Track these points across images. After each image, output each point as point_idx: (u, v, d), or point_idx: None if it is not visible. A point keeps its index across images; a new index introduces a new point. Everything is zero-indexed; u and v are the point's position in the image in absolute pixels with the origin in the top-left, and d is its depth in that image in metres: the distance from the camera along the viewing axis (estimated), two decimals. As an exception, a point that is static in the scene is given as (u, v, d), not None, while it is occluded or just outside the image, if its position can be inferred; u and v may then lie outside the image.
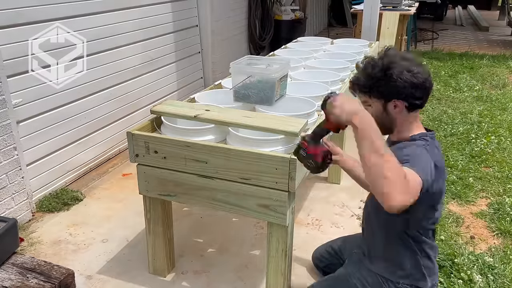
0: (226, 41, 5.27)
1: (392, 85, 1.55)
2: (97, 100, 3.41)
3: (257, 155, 1.77)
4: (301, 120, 1.94)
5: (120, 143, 3.74)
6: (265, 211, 1.85)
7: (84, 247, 2.54)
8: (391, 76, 1.55)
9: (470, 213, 2.91)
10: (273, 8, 6.61)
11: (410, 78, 1.54)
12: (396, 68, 1.55)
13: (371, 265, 1.79)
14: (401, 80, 1.54)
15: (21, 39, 2.72)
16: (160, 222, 2.16)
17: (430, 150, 1.55)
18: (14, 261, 2.03)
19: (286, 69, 2.34)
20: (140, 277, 2.28)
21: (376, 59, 1.61)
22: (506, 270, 2.31)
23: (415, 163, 1.44)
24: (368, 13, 4.55)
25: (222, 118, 1.96)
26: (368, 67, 1.61)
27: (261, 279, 2.26)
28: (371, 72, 1.59)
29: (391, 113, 1.62)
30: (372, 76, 1.59)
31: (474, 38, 9.65)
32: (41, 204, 2.91)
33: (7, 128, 2.55)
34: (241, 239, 2.61)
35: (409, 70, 1.55)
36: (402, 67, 1.55)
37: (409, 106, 1.59)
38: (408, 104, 1.58)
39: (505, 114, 4.71)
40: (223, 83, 2.62)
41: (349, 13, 9.80)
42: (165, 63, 4.25)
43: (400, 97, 1.57)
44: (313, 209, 2.91)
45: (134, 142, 1.98)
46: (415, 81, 1.55)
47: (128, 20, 3.66)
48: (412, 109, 1.61)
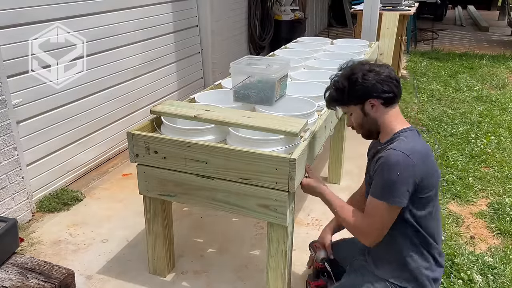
0: (226, 41, 5.27)
1: (360, 87, 1.67)
2: (97, 100, 3.41)
3: (257, 155, 1.77)
4: (301, 120, 1.94)
5: (120, 143, 3.74)
6: (265, 211, 1.85)
7: (84, 247, 2.54)
8: (356, 80, 1.67)
9: (470, 213, 2.91)
10: (273, 8, 6.62)
11: (373, 76, 1.66)
12: (358, 72, 1.68)
13: (376, 270, 1.78)
14: (366, 80, 1.66)
15: (21, 39, 2.72)
16: (160, 222, 2.16)
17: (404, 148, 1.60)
18: (14, 261, 2.03)
19: (286, 69, 2.34)
20: (140, 277, 2.29)
21: (339, 73, 1.76)
22: (506, 270, 2.31)
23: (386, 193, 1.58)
24: (368, 13, 4.55)
25: (222, 118, 1.96)
26: (335, 82, 1.74)
27: (261, 279, 2.26)
28: (338, 85, 1.72)
29: (370, 114, 1.70)
30: (340, 87, 1.71)
31: (474, 38, 9.66)
32: (41, 204, 2.91)
33: (7, 128, 2.56)
34: (241, 239, 2.61)
35: (370, 70, 1.67)
36: (363, 69, 1.68)
37: (385, 101, 1.67)
38: (382, 100, 1.67)
39: (505, 114, 4.71)
40: (223, 83, 2.62)
41: (349, 13, 9.81)
42: (165, 63, 4.25)
43: (372, 96, 1.66)
44: (313, 209, 2.92)
45: (134, 142, 1.98)
46: (378, 77, 1.66)
47: (128, 20, 3.66)
48: (389, 103, 1.69)
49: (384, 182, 1.58)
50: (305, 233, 2.67)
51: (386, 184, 1.57)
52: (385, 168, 1.58)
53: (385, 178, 1.58)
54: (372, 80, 1.66)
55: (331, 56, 3.40)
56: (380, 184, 1.60)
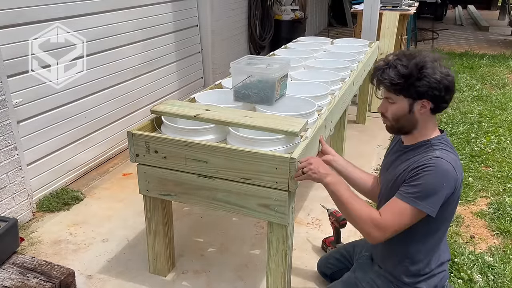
0: (226, 41, 5.27)
1: (425, 84, 1.53)
2: (97, 100, 3.41)
3: (257, 155, 1.77)
4: (301, 120, 1.94)
5: (121, 143, 3.74)
6: (265, 211, 1.85)
7: (84, 246, 2.54)
8: (425, 75, 1.53)
9: (470, 212, 2.91)
10: (273, 8, 6.61)
11: (442, 79, 1.53)
12: (429, 68, 1.53)
13: (381, 264, 1.77)
14: (434, 80, 1.52)
15: (21, 39, 2.72)
16: (160, 222, 2.16)
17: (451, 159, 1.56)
18: (15, 260, 2.03)
19: (286, 69, 2.34)
20: (140, 277, 2.29)
21: (404, 58, 1.57)
22: (506, 270, 2.31)
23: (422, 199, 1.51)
24: (368, 13, 4.55)
25: (222, 118, 1.96)
26: (398, 65, 1.56)
27: (261, 278, 2.26)
28: (403, 71, 1.55)
29: (415, 113, 1.60)
30: (404, 74, 1.55)
31: (474, 38, 9.66)
32: (42, 203, 2.91)
33: (7, 128, 2.56)
34: (241, 239, 2.61)
35: (441, 71, 1.54)
36: (434, 67, 1.54)
37: (435, 107, 1.58)
38: (434, 105, 1.57)
39: (505, 114, 4.71)
40: (223, 83, 2.63)
41: (349, 13, 9.80)
42: (165, 63, 4.25)
43: (429, 98, 1.55)
44: (313, 209, 2.92)
45: (135, 142, 1.98)
46: (446, 82, 1.54)
47: (128, 20, 3.66)
48: (437, 111, 1.60)
49: (426, 187, 1.51)
50: (305, 233, 2.67)
51: (427, 189, 1.51)
52: (433, 174, 1.51)
53: (428, 183, 1.51)
54: (438, 81, 1.53)
55: (331, 56, 3.40)
56: (419, 187, 1.52)
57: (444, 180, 1.50)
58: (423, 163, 1.54)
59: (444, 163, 1.52)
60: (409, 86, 1.55)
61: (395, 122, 1.64)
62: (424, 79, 1.53)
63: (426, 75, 1.52)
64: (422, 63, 1.54)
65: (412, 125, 1.62)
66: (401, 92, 1.58)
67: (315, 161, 1.73)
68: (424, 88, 1.53)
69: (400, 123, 1.63)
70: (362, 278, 1.80)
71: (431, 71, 1.53)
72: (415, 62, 1.55)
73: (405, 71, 1.54)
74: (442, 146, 1.59)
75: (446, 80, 1.54)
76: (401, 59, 1.57)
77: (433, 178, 1.51)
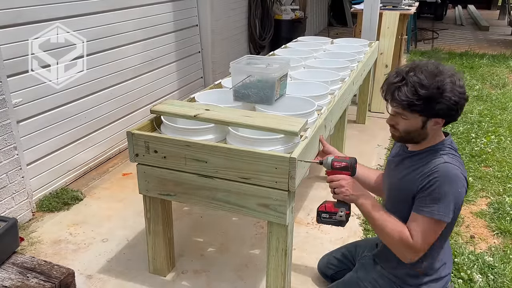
0: (226, 41, 5.27)
1: (443, 107, 1.50)
2: (97, 100, 3.41)
3: (257, 154, 1.77)
4: (301, 120, 1.94)
5: (120, 143, 3.74)
6: (265, 211, 1.85)
7: (84, 246, 2.54)
8: (445, 98, 1.49)
9: (470, 212, 2.91)
10: (273, 7, 6.61)
11: (460, 100, 1.51)
12: (449, 90, 1.49)
13: (384, 264, 1.77)
14: (453, 103, 1.50)
15: (21, 39, 2.72)
16: (160, 222, 2.16)
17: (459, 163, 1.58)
18: (14, 260, 2.03)
19: (286, 68, 2.34)
20: (140, 277, 2.29)
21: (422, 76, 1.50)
22: (506, 270, 2.31)
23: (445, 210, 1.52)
24: (368, 13, 4.55)
25: (222, 118, 1.96)
26: (417, 85, 1.50)
27: (261, 278, 2.26)
28: (423, 93, 1.49)
29: (427, 129, 1.58)
30: (424, 97, 1.49)
31: (474, 37, 9.65)
32: (41, 203, 2.91)
33: (7, 127, 2.56)
34: (241, 239, 2.61)
35: (459, 91, 1.51)
36: (453, 89, 1.50)
37: (447, 122, 1.59)
38: (448, 122, 1.58)
39: (505, 114, 4.71)
40: (223, 83, 2.62)
41: (349, 12, 9.80)
42: (165, 62, 4.25)
43: (443, 116, 1.55)
44: (313, 209, 2.91)
45: (134, 142, 1.98)
46: (463, 102, 1.52)
47: (128, 19, 3.66)
48: (447, 124, 1.61)
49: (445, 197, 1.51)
50: (305, 233, 2.67)
51: (447, 199, 1.51)
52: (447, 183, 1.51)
53: (445, 192, 1.51)
54: (456, 102, 1.50)
55: (331, 55, 3.40)
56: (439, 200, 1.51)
57: (459, 186, 1.52)
58: (434, 171, 1.53)
59: (451, 167, 1.53)
60: (427, 107, 1.51)
61: (405, 134, 1.62)
62: (443, 102, 1.49)
63: (445, 98, 1.49)
64: (442, 84, 1.49)
65: (422, 138, 1.61)
66: (417, 112, 1.54)
67: (347, 184, 1.69)
68: (442, 110, 1.51)
69: (411, 136, 1.62)
70: (364, 278, 1.79)
71: (451, 93, 1.49)
72: (435, 84, 1.49)
73: (425, 93, 1.48)
74: (448, 150, 1.60)
75: (464, 100, 1.52)
76: (419, 76, 1.50)
77: (448, 187, 1.51)
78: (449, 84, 1.49)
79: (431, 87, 1.49)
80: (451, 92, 1.49)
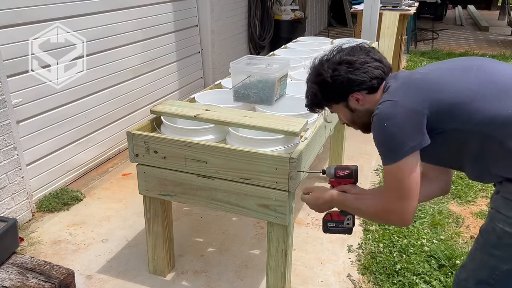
0: (226, 41, 5.27)
1: (332, 88, 1.49)
2: (97, 100, 3.41)
3: (257, 155, 1.77)
4: (301, 120, 1.94)
5: (120, 143, 3.74)
6: (265, 211, 1.85)
7: (84, 247, 2.54)
8: (325, 81, 1.49)
9: (470, 213, 2.91)
10: (273, 8, 6.61)
11: (345, 69, 1.46)
12: (325, 71, 1.48)
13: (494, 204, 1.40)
14: (337, 77, 1.46)
15: (21, 39, 2.72)
16: (160, 222, 2.16)
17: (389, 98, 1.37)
18: (14, 261, 2.03)
19: (286, 69, 2.34)
20: (140, 277, 2.28)
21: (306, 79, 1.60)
22: (506, 270, 2.31)
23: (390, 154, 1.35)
24: (368, 13, 4.55)
25: (222, 118, 1.95)
26: (307, 91, 1.60)
27: (261, 278, 2.26)
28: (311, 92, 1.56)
29: (359, 108, 1.50)
30: (313, 93, 1.55)
31: (474, 38, 9.65)
32: (41, 204, 2.91)
33: (7, 128, 2.55)
34: (241, 239, 2.61)
35: (340, 62, 1.47)
36: (331, 65, 1.48)
37: (369, 90, 1.46)
38: (366, 90, 1.46)
39: (505, 114, 4.70)
40: (223, 83, 2.62)
41: (349, 13, 9.81)
42: (165, 63, 4.25)
43: (352, 91, 1.47)
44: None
45: (134, 142, 1.98)
46: (351, 68, 1.45)
47: (128, 20, 3.66)
48: (374, 89, 1.47)
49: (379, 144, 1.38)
50: (305, 233, 2.67)
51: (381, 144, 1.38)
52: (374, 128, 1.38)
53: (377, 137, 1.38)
54: (344, 74, 1.44)
55: (331, 55, 3.39)
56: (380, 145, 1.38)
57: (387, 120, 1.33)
58: None
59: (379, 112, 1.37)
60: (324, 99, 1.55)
61: (355, 124, 1.59)
62: (328, 85, 1.48)
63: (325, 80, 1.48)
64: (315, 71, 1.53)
65: (367, 116, 1.48)
66: (328, 105, 1.58)
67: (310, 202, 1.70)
68: (335, 90, 1.49)
69: (359, 123, 1.56)
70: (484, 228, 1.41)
71: (329, 72, 1.47)
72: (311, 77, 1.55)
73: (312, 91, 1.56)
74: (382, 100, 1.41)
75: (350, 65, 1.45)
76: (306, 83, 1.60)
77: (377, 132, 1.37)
78: (326, 64, 1.49)
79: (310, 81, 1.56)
80: (328, 68, 1.47)
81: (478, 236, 1.42)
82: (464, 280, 1.45)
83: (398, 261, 2.36)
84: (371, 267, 2.34)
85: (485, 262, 1.39)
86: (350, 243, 2.55)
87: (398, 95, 1.37)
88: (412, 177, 1.35)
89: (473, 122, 1.30)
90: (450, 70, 1.44)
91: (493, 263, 1.36)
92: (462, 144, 1.36)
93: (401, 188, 1.37)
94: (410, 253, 2.43)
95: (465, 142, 1.35)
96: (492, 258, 1.36)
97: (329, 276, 2.30)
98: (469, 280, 1.43)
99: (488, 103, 1.30)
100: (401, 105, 1.34)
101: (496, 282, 1.36)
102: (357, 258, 2.43)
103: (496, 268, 1.36)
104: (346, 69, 1.45)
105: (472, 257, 1.45)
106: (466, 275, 1.45)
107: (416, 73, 1.46)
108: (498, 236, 1.33)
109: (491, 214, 1.39)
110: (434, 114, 1.32)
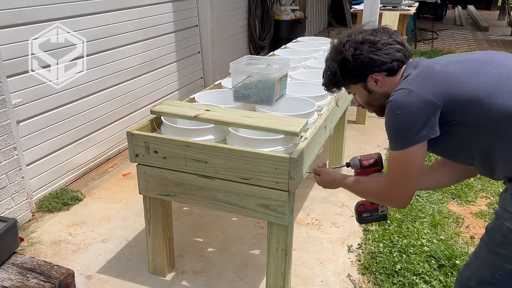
0: (226, 41, 5.27)
1: (352, 66, 1.47)
2: (97, 100, 3.41)
3: (257, 155, 1.77)
4: (301, 120, 1.94)
5: (120, 143, 3.74)
6: (265, 211, 1.85)
7: (84, 247, 2.54)
8: (346, 59, 1.47)
9: (470, 213, 2.91)
10: (273, 8, 6.62)
11: (367, 48, 1.45)
12: (347, 49, 1.47)
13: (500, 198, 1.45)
14: (359, 56, 1.45)
15: (21, 39, 2.72)
16: (160, 222, 2.16)
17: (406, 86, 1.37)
18: (14, 261, 2.03)
19: (286, 69, 2.34)
20: (140, 277, 2.29)
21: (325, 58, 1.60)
22: (506, 270, 2.31)
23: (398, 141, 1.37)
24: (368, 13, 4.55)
25: (222, 118, 1.96)
26: (325, 69, 1.58)
27: (261, 278, 2.26)
28: (330, 70, 1.55)
29: (376, 90, 1.50)
30: (332, 72, 1.54)
31: (474, 38, 9.65)
32: (41, 204, 2.91)
33: (7, 128, 2.55)
34: (241, 239, 2.61)
35: (363, 41, 1.46)
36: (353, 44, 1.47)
37: (389, 72, 1.46)
38: (386, 72, 1.46)
39: (505, 114, 4.70)
40: (223, 83, 2.62)
41: (349, 13, 9.80)
42: (165, 63, 4.25)
43: (372, 71, 1.46)
44: (313, 209, 2.92)
45: (134, 142, 1.98)
46: (374, 48, 1.44)
47: (128, 20, 3.66)
48: (394, 71, 1.46)
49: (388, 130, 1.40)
50: (305, 233, 2.67)
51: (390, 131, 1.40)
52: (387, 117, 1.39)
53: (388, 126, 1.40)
54: (366, 54, 1.44)
55: (331, 56, 3.39)
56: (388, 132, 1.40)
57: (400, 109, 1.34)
58: None
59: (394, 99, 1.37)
60: (343, 77, 1.52)
61: (371, 107, 1.58)
62: (348, 63, 1.47)
63: (346, 59, 1.47)
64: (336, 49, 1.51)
65: (383, 99, 1.47)
66: (345, 85, 1.56)
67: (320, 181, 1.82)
68: (355, 69, 1.48)
69: (376, 105, 1.55)
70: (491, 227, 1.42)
71: (350, 51, 1.46)
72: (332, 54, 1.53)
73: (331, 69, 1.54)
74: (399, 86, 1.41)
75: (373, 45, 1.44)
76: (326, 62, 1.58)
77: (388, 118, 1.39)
78: (347, 43, 1.48)
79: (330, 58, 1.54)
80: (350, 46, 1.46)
81: (484, 235, 1.43)
82: (467, 279, 1.46)
83: (398, 261, 2.36)
84: (371, 267, 2.34)
85: (489, 261, 1.39)
86: (350, 243, 2.55)
87: (415, 84, 1.37)
88: (415, 164, 1.39)
89: (487, 117, 1.30)
90: (470, 63, 1.42)
91: (497, 262, 1.36)
92: (474, 138, 1.36)
93: (404, 173, 1.42)
94: (410, 253, 2.43)
95: (477, 136, 1.35)
96: (497, 256, 1.36)
97: (329, 276, 2.30)
98: (472, 279, 1.43)
99: (504, 98, 1.29)
100: (416, 94, 1.34)
101: (499, 282, 1.36)
102: (357, 258, 2.44)
103: (499, 267, 1.36)
104: (368, 48, 1.45)
105: (477, 255, 1.45)
106: (470, 274, 1.45)
107: (437, 63, 1.44)
108: (504, 234, 1.33)
109: (498, 212, 1.39)
110: (449, 107, 1.33)
